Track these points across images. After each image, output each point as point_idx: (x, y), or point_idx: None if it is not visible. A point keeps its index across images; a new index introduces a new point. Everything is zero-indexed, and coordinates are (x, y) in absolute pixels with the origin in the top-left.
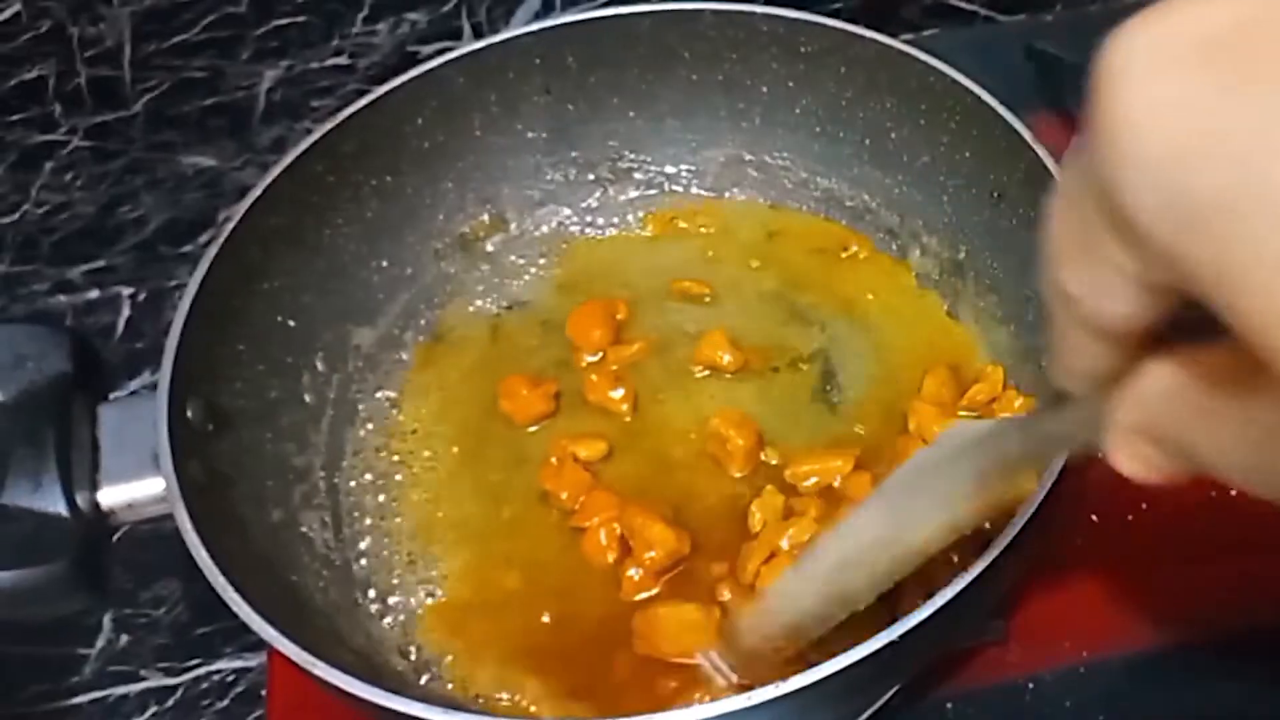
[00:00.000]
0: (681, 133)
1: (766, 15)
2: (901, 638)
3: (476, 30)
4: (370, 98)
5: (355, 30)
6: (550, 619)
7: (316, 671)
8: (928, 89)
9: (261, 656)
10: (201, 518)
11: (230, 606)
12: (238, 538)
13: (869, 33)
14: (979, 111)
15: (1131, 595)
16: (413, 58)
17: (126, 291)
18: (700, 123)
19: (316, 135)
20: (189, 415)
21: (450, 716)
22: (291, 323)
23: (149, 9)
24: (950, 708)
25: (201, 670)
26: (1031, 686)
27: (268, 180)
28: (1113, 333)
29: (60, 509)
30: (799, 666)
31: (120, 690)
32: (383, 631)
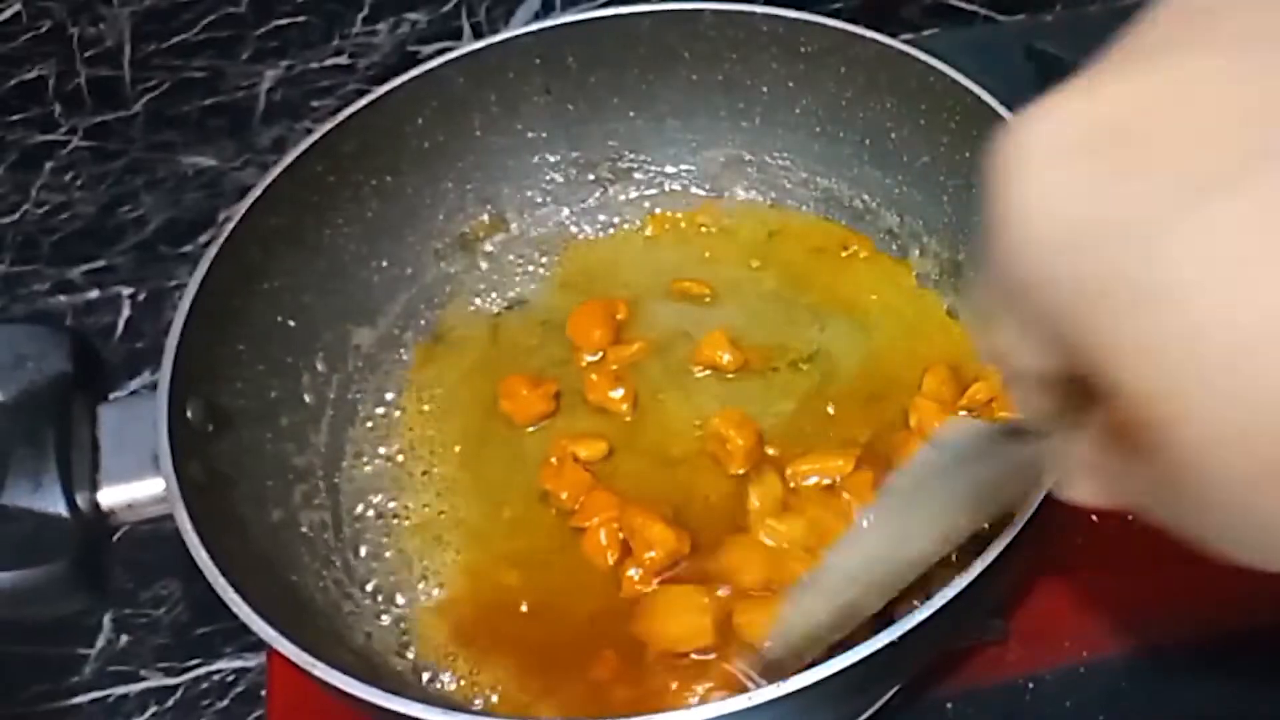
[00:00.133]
0: (681, 133)
1: (766, 15)
2: (901, 638)
3: (476, 30)
4: (370, 98)
5: (355, 30)
6: (550, 619)
7: (315, 672)
8: (928, 89)
9: (261, 656)
10: (201, 518)
11: (230, 607)
12: (238, 538)
13: (869, 33)
14: (979, 111)
15: (1131, 595)
16: (413, 58)
17: (126, 291)
18: (700, 123)
19: (316, 135)
20: (189, 415)
21: (449, 717)
22: (291, 323)
23: (149, 9)
24: (950, 708)
25: (201, 670)
26: (1031, 686)
27: (268, 180)
28: (1042, 387)
29: (60, 509)
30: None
31: (120, 690)
32: (382, 631)
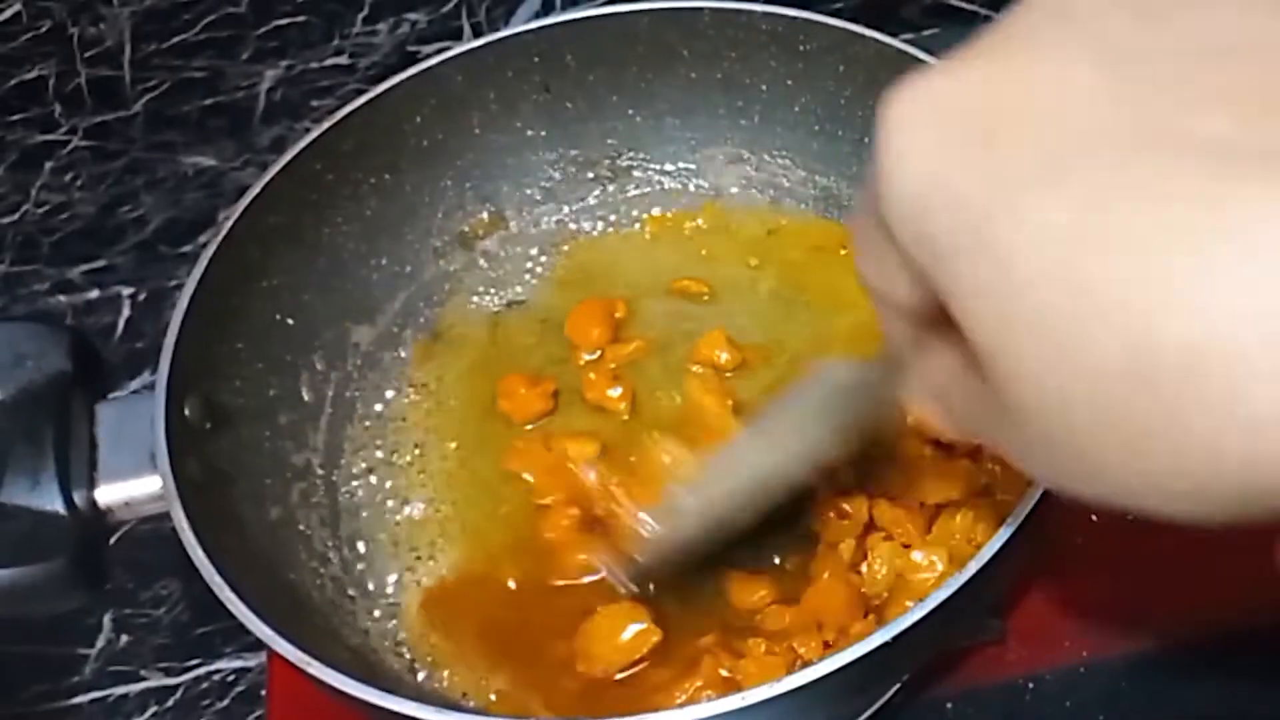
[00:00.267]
0: (681, 131)
1: (766, 14)
2: (896, 637)
3: (476, 30)
4: (369, 96)
5: (355, 30)
6: (549, 618)
7: (311, 670)
8: None
9: (261, 656)
10: (199, 516)
11: (226, 604)
12: (235, 536)
13: (869, 32)
14: None
15: (1131, 595)
16: (413, 58)
17: (126, 291)
18: (699, 121)
19: (315, 133)
20: (187, 413)
21: (446, 716)
22: (290, 321)
23: (149, 9)
24: (950, 707)
25: (201, 670)
26: (1031, 686)
27: (266, 178)
28: (904, 313)
29: (58, 507)
30: (793, 665)
31: (120, 690)
32: (380, 629)
